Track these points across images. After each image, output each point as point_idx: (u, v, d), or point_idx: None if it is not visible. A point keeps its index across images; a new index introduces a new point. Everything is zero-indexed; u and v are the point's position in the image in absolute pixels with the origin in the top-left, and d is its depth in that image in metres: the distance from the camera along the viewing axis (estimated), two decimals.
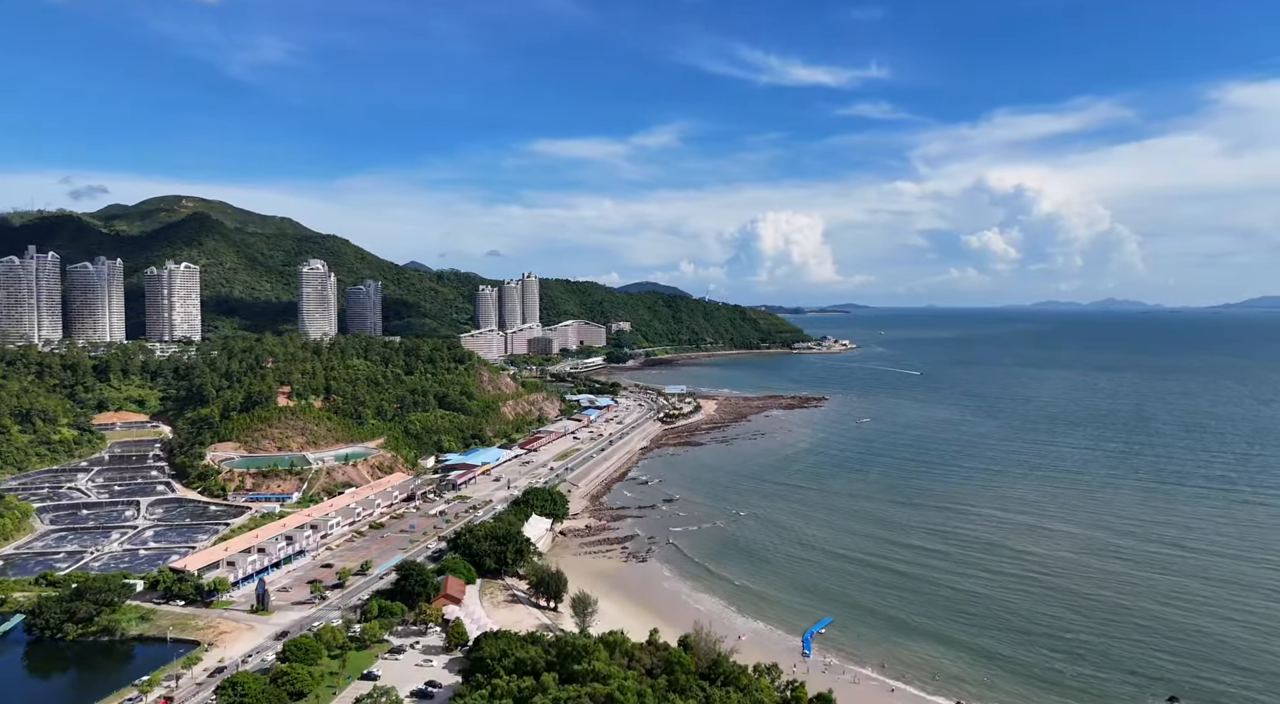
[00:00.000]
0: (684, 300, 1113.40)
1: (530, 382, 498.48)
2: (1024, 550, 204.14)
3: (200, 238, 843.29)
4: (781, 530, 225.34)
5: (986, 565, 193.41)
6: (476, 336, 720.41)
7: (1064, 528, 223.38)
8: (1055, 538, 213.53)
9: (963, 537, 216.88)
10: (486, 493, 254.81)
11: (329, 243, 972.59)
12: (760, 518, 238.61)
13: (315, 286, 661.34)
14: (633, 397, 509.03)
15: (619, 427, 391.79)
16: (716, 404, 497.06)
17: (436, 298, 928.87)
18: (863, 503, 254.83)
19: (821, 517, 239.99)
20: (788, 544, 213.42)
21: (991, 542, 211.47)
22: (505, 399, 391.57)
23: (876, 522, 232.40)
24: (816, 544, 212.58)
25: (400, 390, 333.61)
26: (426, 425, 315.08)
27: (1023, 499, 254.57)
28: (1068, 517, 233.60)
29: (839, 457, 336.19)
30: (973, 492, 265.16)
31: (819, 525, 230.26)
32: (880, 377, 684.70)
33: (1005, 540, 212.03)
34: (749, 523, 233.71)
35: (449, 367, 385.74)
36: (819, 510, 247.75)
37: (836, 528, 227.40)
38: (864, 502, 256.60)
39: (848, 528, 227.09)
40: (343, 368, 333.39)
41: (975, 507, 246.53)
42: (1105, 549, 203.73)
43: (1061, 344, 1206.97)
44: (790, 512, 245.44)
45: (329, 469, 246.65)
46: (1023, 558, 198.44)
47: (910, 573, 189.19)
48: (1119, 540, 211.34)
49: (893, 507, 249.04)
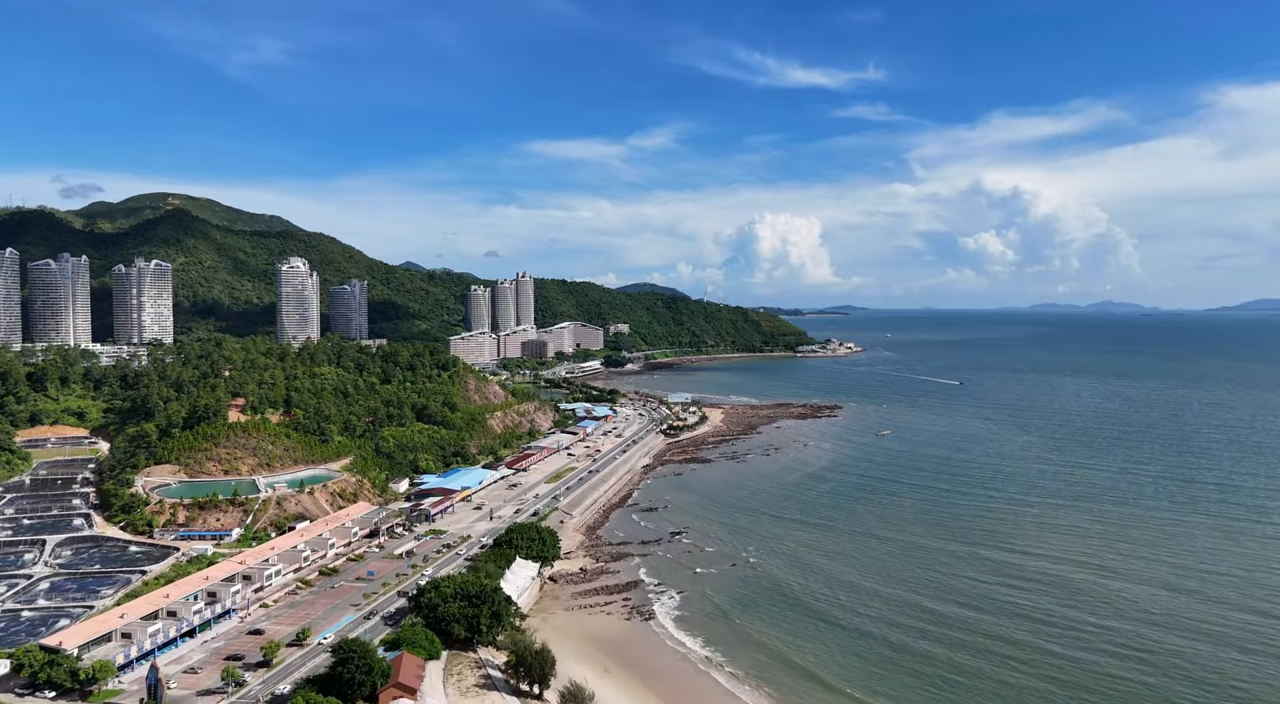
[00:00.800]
0: (684, 301, 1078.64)
1: (522, 389, 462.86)
2: (1109, 617, 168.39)
3: (179, 236, 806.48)
4: (815, 576, 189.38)
5: (1073, 636, 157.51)
6: (467, 340, 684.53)
7: (1148, 581, 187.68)
8: (1144, 598, 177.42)
9: (1031, 588, 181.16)
10: (465, 525, 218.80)
11: (316, 241, 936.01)
12: (787, 557, 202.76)
13: (295, 287, 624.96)
14: (633, 405, 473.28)
15: (618, 441, 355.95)
16: (723, 414, 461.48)
17: (428, 299, 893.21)
18: (902, 538, 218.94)
19: (858, 555, 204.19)
20: (826, 596, 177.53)
21: (1066, 601, 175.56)
22: (493, 410, 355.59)
23: (923, 564, 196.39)
24: (859, 596, 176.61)
25: (373, 402, 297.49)
26: (401, 442, 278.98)
27: (1084, 538, 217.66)
28: (1147, 567, 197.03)
29: (864, 476, 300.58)
30: (1025, 527, 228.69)
31: (857, 567, 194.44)
32: (894, 383, 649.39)
33: (1083, 603, 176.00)
34: (773, 564, 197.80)
35: (431, 374, 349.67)
36: (853, 546, 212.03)
37: (881, 573, 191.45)
38: (903, 535, 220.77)
39: (894, 574, 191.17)
40: (308, 377, 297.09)
41: (1034, 547, 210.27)
42: (1216, 621, 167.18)
43: (1070, 348, 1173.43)
44: (820, 549, 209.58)
45: (280, 498, 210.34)
46: (1109, 628, 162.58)
47: (986, 646, 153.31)
48: (1223, 603, 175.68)
49: (939, 545, 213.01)
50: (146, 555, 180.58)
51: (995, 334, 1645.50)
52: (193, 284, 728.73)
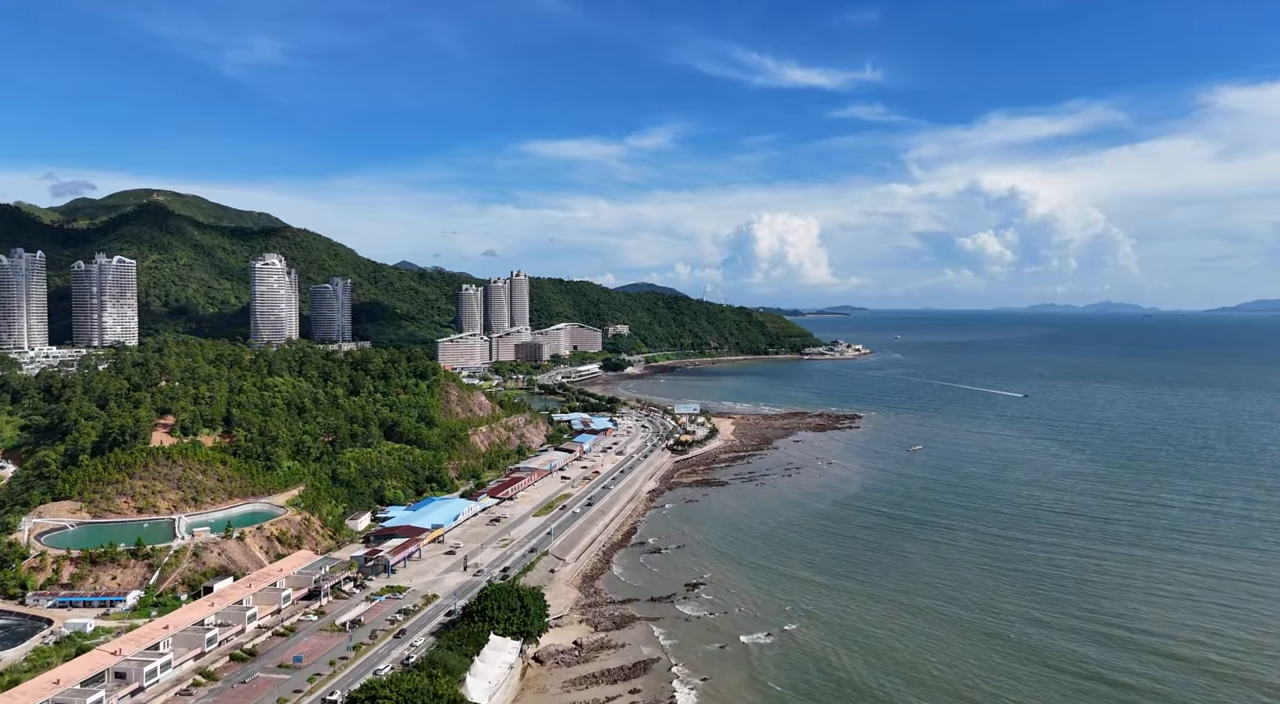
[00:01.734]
0: (685, 301, 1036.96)
1: (513, 396, 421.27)
2: None
3: (153, 233, 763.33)
4: (876, 659, 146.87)
5: None
6: (457, 342, 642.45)
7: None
8: None
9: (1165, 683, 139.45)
10: (433, 577, 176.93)
11: (300, 238, 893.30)
12: (835, 627, 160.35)
13: (270, 286, 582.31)
14: (635, 415, 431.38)
15: (619, 459, 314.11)
16: (734, 425, 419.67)
17: (417, 299, 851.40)
18: (974, 598, 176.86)
19: (925, 625, 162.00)
20: (892, 691, 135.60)
21: None
22: (477, 425, 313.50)
23: (1011, 647, 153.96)
24: (938, 696, 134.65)
25: (335, 418, 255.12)
26: (365, 466, 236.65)
27: (1199, 607, 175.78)
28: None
29: (906, 505, 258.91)
30: (1115, 584, 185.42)
31: (929, 645, 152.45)
32: (915, 390, 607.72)
33: None
34: (819, 637, 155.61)
35: (407, 384, 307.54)
36: (909, 605, 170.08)
37: (962, 656, 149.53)
38: (974, 594, 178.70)
39: (983, 658, 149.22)
40: (256, 389, 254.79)
41: (1144, 620, 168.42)
42: None
43: (1084, 350, 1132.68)
44: (875, 614, 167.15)
45: (199, 547, 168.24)
46: None
47: None
48: None
49: (1018, 608, 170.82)
50: (6, 634, 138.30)
51: (1002, 335, 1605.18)
52: (165, 283, 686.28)
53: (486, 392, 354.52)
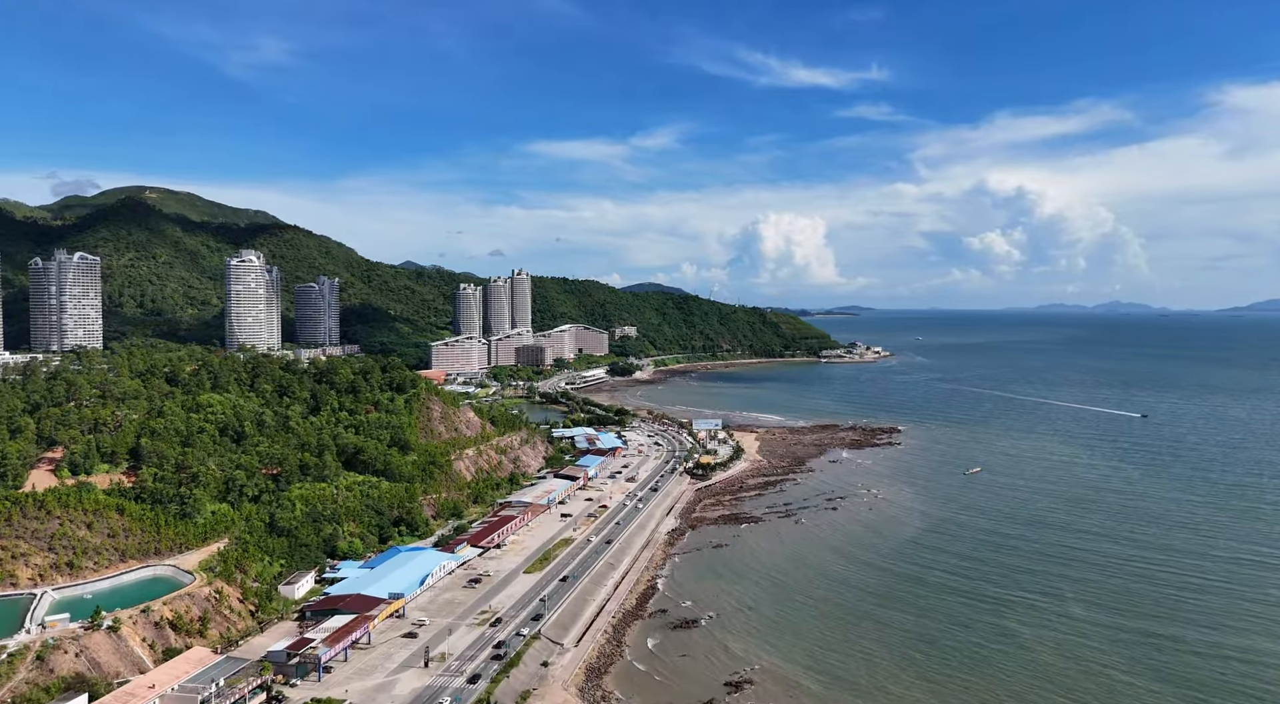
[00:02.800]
0: (695, 302, 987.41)
1: (508, 409, 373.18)
2: None
3: (130, 229, 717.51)
4: None
5: None
6: (452, 346, 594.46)
7: None
8: None
9: None
10: (379, 681, 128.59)
11: (289, 235, 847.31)
12: None
13: (247, 285, 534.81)
14: (645, 429, 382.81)
15: (630, 487, 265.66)
16: (758, 441, 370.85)
17: (413, 299, 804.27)
18: None
19: None
20: None
21: None
22: (464, 447, 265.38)
23: None
24: None
25: (282, 445, 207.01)
26: (316, 508, 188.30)
27: None
28: None
29: (981, 554, 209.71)
30: None
31: None
32: (949, 398, 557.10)
33: None
34: None
35: (379, 399, 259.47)
36: None
37: None
38: None
39: None
40: (183, 411, 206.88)
41: None
42: None
43: (1119, 352, 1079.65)
44: None
45: (46, 647, 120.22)
46: None
47: None
48: None
49: None
50: None
51: (1022, 336, 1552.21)
52: (140, 283, 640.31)
53: (476, 406, 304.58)
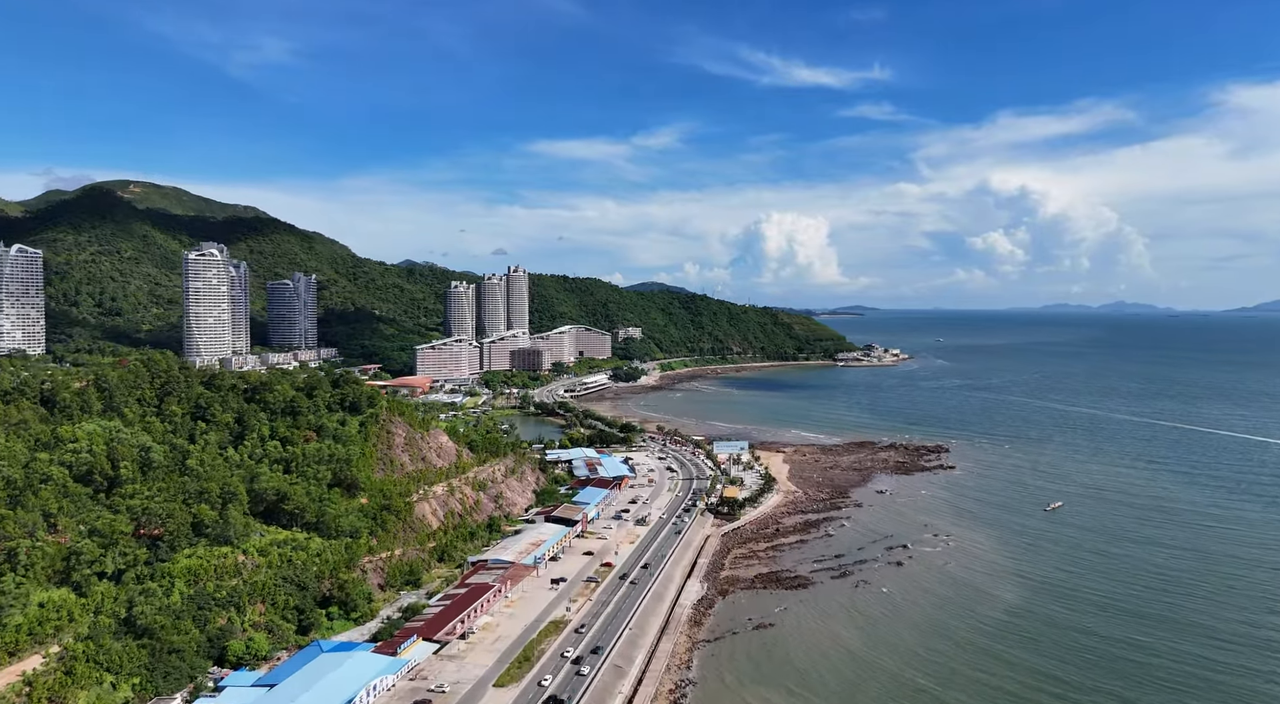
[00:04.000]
0: (704, 301, 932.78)
1: (495, 424, 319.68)
2: None
3: (94, 222, 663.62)
4: None
5: None
6: (439, 349, 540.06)
7: None
8: None
9: None
10: None
11: (270, 229, 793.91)
12: None
13: (208, 281, 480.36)
14: (655, 449, 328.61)
15: (641, 534, 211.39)
16: (787, 463, 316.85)
17: (401, 298, 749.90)
18: None
19: None
20: None
21: None
22: (432, 482, 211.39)
23: None
24: None
25: (166, 498, 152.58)
26: (204, 589, 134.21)
27: None
28: None
29: (1121, 638, 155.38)
30: None
31: None
32: (989, 409, 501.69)
33: None
34: None
35: (325, 423, 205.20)
36: None
37: None
38: None
39: None
40: (25, 449, 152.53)
41: None
42: None
43: (1150, 355, 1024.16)
44: None
45: None
46: None
47: None
48: None
49: None
50: None
51: (1042, 338, 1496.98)
52: (101, 280, 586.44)
53: (451, 427, 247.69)
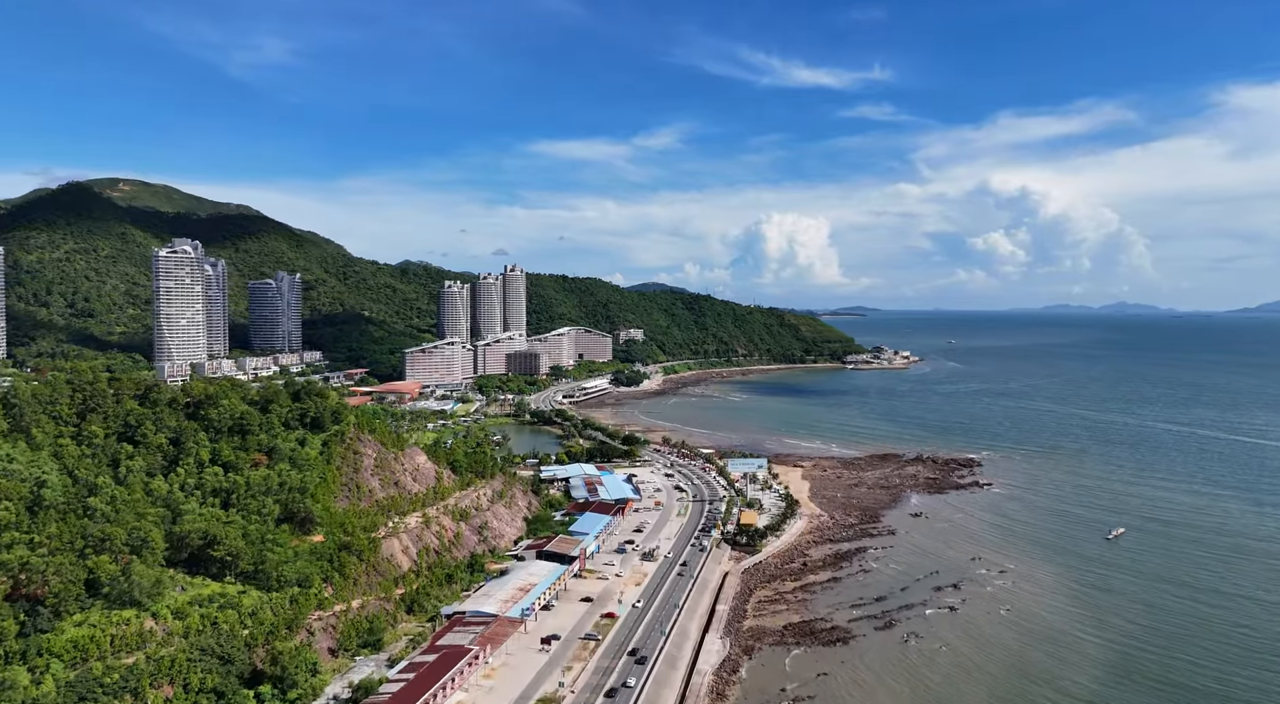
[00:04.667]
0: (708, 301, 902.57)
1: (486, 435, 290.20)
2: None
3: (70, 219, 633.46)
4: None
5: None
6: (430, 353, 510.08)
7: None
8: None
9: None
10: None
11: (255, 226, 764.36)
12: None
13: (180, 281, 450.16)
14: (662, 464, 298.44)
15: (649, 572, 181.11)
16: (807, 479, 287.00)
17: (394, 299, 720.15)
18: None
19: None
20: None
21: None
22: (405, 512, 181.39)
23: None
24: None
25: (49, 550, 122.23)
26: (90, 670, 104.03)
27: None
28: None
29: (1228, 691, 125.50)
30: None
31: None
32: (1017, 418, 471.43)
33: None
34: None
35: (279, 443, 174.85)
36: None
37: None
38: None
39: None
40: None
41: None
42: None
43: (1170, 357, 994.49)
44: None
45: None
46: None
47: None
48: None
49: None
50: None
51: (1053, 339, 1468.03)
52: (75, 279, 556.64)
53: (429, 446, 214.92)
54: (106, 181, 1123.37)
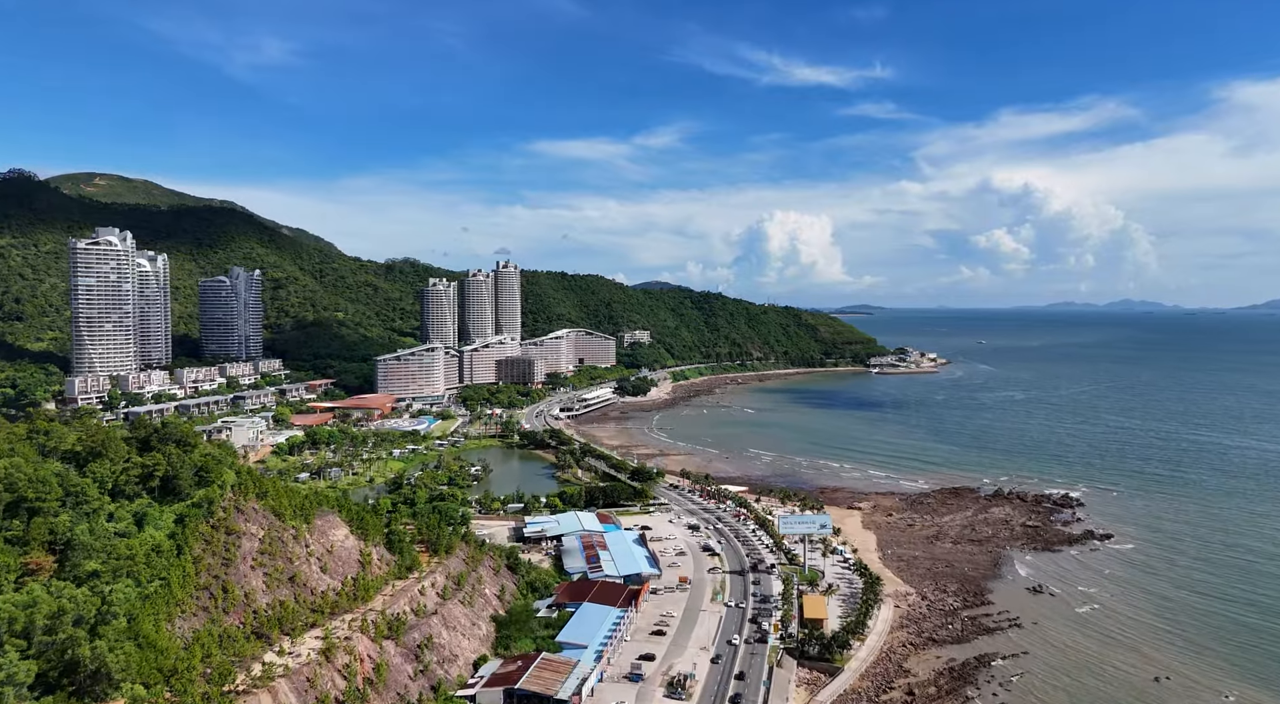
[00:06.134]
0: (719, 300, 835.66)
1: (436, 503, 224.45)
2: None
3: (9, 211, 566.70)
4: None
5: None
6: (406, 361, 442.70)
7: None
8: None
9: None
10: None
11: (222, 219, 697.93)
12: None
13: (104, 277, 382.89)
14: (682, 512, 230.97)
15: None
16: (870, 528, 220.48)
17: (374, 299, 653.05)
18: None
19: None
20: None
21: None
22: (299, 630, 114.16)
23: None
24: None
25: None
26: None
27: None
28: None
29: None
30: None
31: None
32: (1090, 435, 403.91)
33: None
34: None
35: (96, 529, 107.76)
36: None
37: None
38: None
39: None
40: None
41: None
42: None
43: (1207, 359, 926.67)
44: None
45: None
46: None
47: None
48: None
49: None
50: None
51: (1076, 338, 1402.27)
52: (8, 278, 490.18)
53: (356, 512, 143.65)
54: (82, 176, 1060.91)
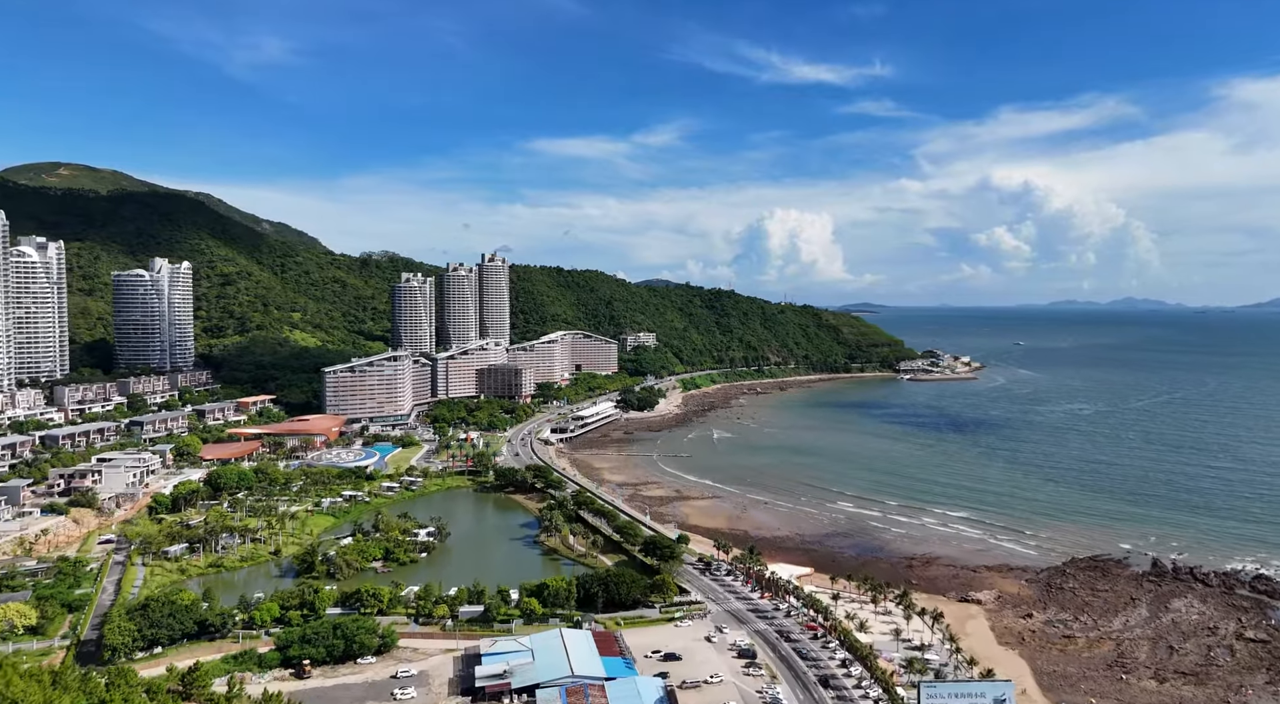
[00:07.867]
0: (731, 298, 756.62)
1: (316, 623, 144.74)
2: None
3: None
4: None
5: None
6: (363, 374, 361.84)
7: None
8: None
9: None
10: None
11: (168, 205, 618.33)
12: None
13: None
14: (726, 630, 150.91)
15: None
16: (1006, 645, 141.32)
17: (341, 298, 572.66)
18: None
19: None
20: None
21: None
22: None
23: None
24: None
25: None
26: None
27: None
28: None
29: None
30: None
31: None
32: (1223, 472, 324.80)
33: None
34: None
35: None
36: None
37: None
38: None
39: None
40: None
41: None
42: None
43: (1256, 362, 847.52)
44: None
45: None
46: None
47: None
48: None
49: None
50: None
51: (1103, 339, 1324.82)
52: None
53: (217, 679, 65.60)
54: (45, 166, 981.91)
